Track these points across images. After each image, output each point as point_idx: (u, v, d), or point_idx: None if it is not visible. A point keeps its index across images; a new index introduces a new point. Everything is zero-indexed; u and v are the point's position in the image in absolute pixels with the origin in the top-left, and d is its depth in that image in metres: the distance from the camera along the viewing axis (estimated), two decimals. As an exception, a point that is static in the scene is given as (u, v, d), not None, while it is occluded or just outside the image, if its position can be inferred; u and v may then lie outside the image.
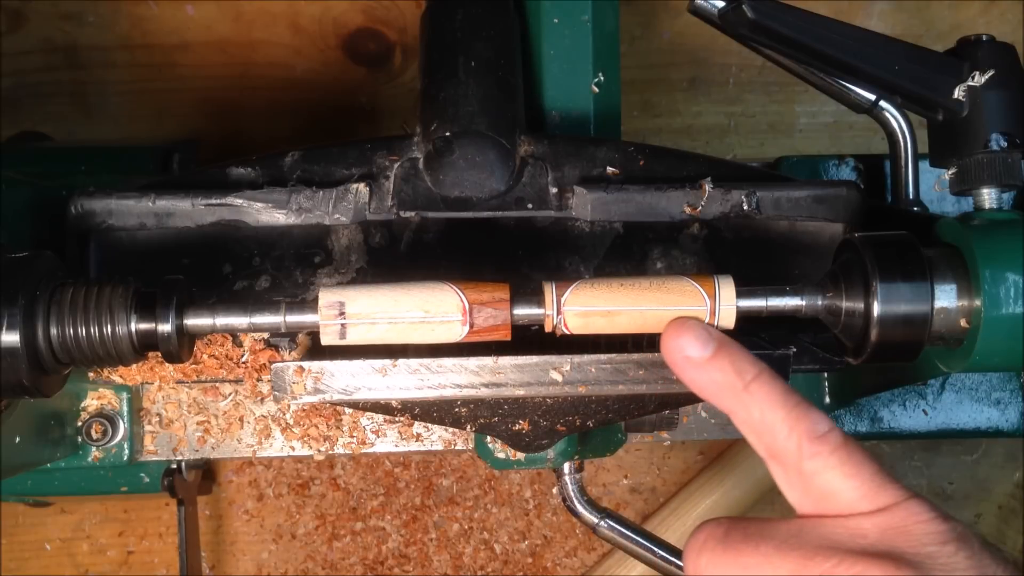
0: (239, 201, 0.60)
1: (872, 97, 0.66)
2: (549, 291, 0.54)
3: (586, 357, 0.55)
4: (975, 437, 0.77)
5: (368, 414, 0.74)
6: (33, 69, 0.96)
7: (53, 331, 0.52)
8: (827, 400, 0.76)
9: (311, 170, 0.62)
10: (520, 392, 0.56)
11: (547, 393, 0.56)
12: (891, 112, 0.67)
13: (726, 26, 0.61)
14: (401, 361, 0.55)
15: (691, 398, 0.59)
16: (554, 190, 0.61)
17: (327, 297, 0.53)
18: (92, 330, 0.52)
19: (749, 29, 0.60)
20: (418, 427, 0.74)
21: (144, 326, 0.52)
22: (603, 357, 0.55)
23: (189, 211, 0.60)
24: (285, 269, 0.61)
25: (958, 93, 0.59)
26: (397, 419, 0.73)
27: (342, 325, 0.53)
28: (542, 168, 0.61)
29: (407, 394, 0.55)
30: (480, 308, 0.53)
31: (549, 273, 0.61)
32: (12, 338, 0.50)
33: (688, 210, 0.61)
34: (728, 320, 0.54)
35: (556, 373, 0.55)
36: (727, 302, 0.54)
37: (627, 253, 0.61)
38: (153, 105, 0.97)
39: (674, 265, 0.61)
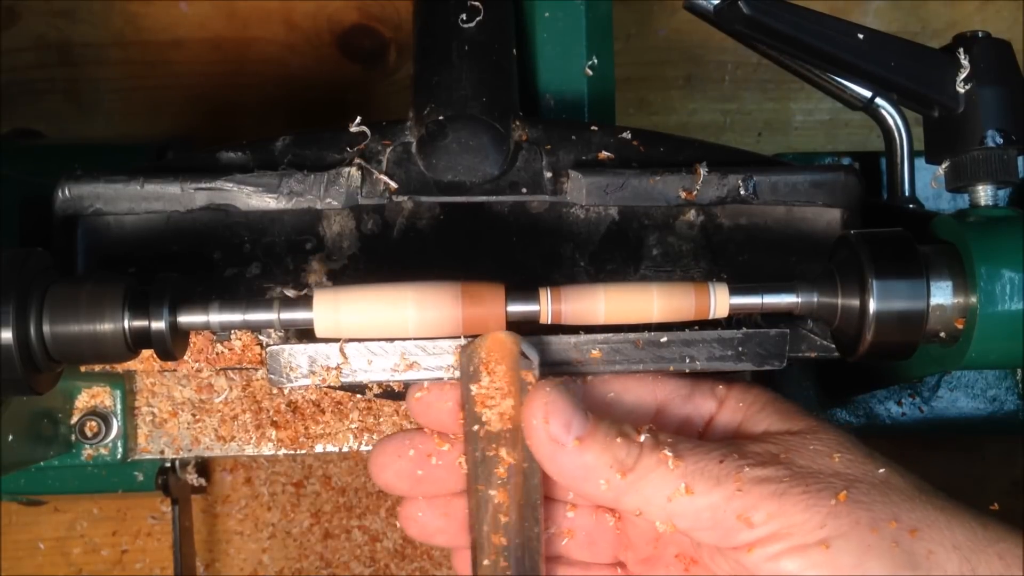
0: (229, 185, 0.60)
1: (868, 94, 0.66)
2: (545, 311, 0.54)
3: (583, 337, 0.55)
4: (971, 434, 0.77)
5: (363, 406, 0.74)
6: (26, 66, 0.96)
7: (46, 329, 0.51)
8: (821, 397, 0.76)
9: (302, 155, 0.61)
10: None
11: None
12: (887, 109, 0.67)
13: (721, 23, 0.61)
14: (399, 343, 0.55)
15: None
16: (548, 174, 0.61)
17: (322, 327, 0.53)
18: (85, 328, 0.52)
19: (744, 26, 0.60)
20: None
21: (137, 324, 0.52)
22: (599, 337, 0.55)
23: (178, 195, 0.60)
24: (276, 256, 0.61)
25: (954, 90, 0.59)
26: (396, 412, 0.73)
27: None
28: (536, 152, 0.61)
29: (407, 375, 0.55)
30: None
31: (544, 260, 0.61)
32: (5, 336, 0.50)
33: (684, 195, 0.60)
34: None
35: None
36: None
37: (623, 240, 0.61)
38: (147, 102, 0.97)
39: (670, 252, 0.61)
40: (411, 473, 0.56)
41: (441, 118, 0.60)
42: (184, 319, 0.53)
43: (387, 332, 0.54)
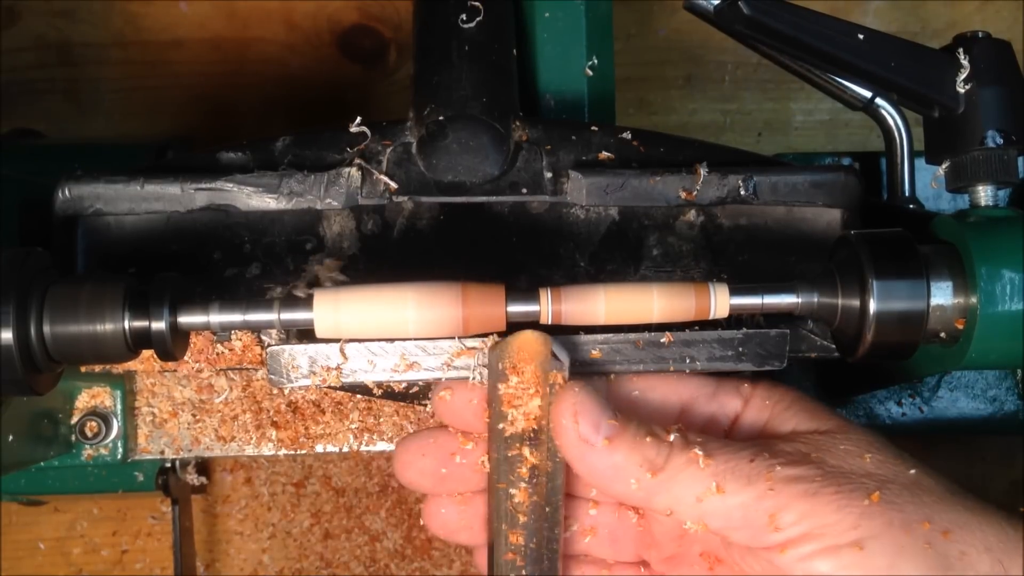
0: (229, 185, 0.60)
1: (868, 94, 0.66)
2: (545, 311, 0.54)
3: (584, 337, 0.55)
4: (971, 434, 0.77)
5: (363, 406, 0.74)
6: (26, 66, 0.96)
7: (46, 329, 0.51)
8: (821, 397, 0.76)
9: (302, 155, 0.61)
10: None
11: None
12: (887, 109, 0.66)
13: (721, 23, 0.61)
14: (399, 343, 0.55)
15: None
16: (549, 175, 0.61)
17: (322, 327, 0.53)
18: (85, 328, 0.52)
19: (744, 26, 0.60)
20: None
21: (138, 324, 0.52)
22: (599, 337, 0.55)
23: (178, 196, 0.60)
24: (276, 256, 0.61)
25: (954, 90, 0.59)
26: (396, 413, 0.73)
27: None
28: (537, 152, 0.61)
29: (407, 376, 0.55)
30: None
31: (543, 260, 0.61)
32: (5, 336, 0.50)
33: (684, 195, 0.60)
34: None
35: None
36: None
37: (623, 240, 0.61)
38: (147, 102, 0.97)
39: (670, 252, 0.61)
40: (435, 471, 0.57)
41: (441, 118, 0.60)
42: (184, 319, 0.53)
43: (387, 332, 0.54)
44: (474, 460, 0.56)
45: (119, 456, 0.74)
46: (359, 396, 0.73)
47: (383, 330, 0.53)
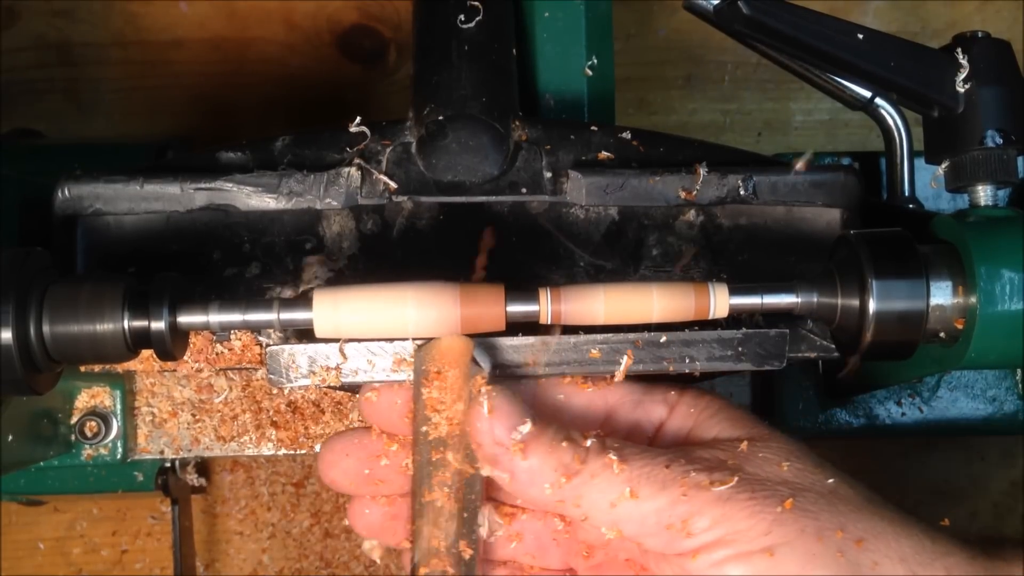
0: (229, 185, 0.60)
1: (868, 94, 0.66)
2: (544, 311, 0.54)
3: (583, 337, 0.55)
4: (971, 434, 0.77)
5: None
6: (26, 66, 0.96)
7: (45, 329, 0.51)
8: (821, 397, 0.76)
9: (302, 155, 0.61)
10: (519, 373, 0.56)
11: (542, 374, 0.56)
12: (887, 109, 0.66)
13: (721, 23, 0.61)
14: (399, 343, 0.55)
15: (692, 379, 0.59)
16: (548, 174, 0.61)
17: (321, 327, 0.53)
18: (85, 328, 0.52)
19: (744, 25, 0.60)
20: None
21: (137, 324, 0.52)
22: (599, 337, 0.55)
23: (178, 195, 0.60)
24: (276, 256, 0.61)
25: (953, 89, 0.59)
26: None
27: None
28: (536, 152, 0.61)
29: (406, 375, 0.55)
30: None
31: (543, 260, 0.61)
32: (4, 336, 0.50)
33: (683, 195, 0.60)
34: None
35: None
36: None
37: (623, 240, 0.61)
38: (146, 102, 0.97)
39: (670, 252, 0.61)
40: (358, 472, 0.56)
41: (441, 118, 0.60)
42: (184, 319, 0.53)
43: (387, 332, 0.54)
44: (398, 462, 0.56)
45: (119, 456, 0.74)
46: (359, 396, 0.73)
47: (383, 330, 0.54)
